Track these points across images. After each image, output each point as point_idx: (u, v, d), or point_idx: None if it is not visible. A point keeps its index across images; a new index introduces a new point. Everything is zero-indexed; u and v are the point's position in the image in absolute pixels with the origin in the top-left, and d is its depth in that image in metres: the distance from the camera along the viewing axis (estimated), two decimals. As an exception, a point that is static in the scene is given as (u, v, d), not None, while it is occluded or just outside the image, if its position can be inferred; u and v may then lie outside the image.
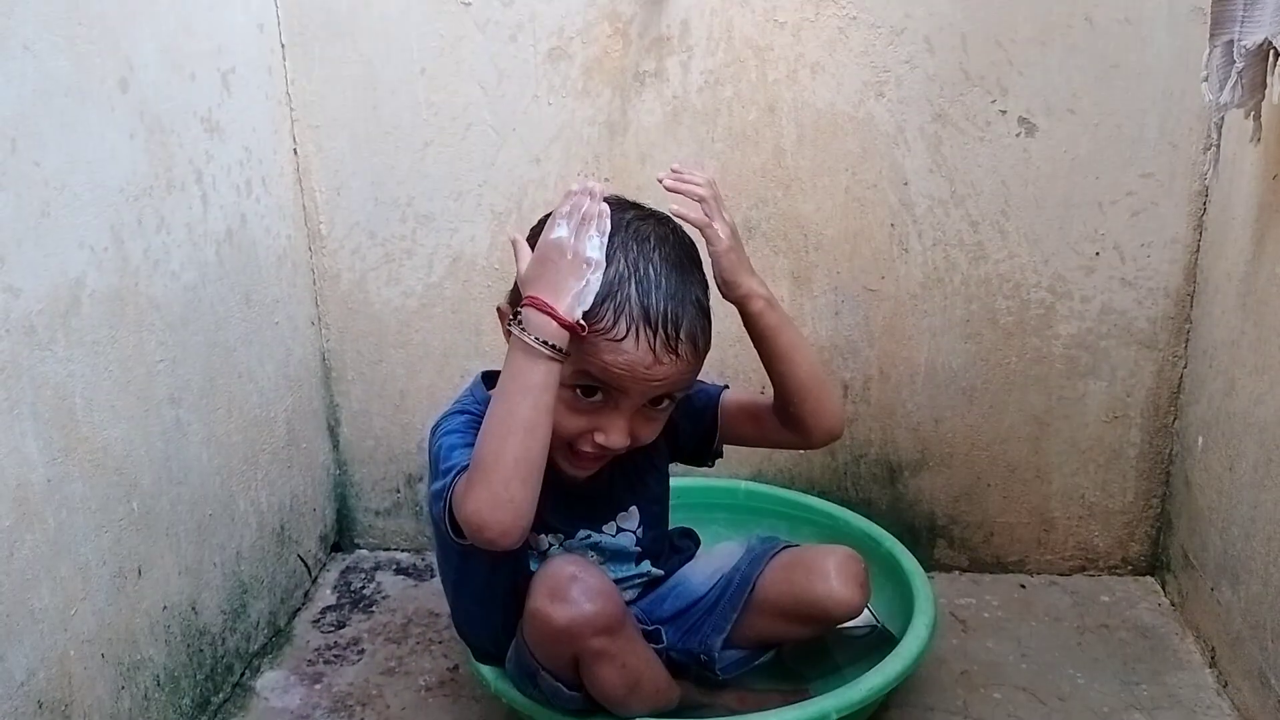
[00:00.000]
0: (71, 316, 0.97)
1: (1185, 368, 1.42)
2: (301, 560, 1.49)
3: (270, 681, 1.32)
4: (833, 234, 1.43)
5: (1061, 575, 1.54)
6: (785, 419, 1.13)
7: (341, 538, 1.64)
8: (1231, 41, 1.06)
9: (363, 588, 1.53)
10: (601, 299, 0.94)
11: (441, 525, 0.99)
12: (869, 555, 1.35)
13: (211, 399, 1.23)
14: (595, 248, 0.94)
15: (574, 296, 0.92)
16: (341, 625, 1.44)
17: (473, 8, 1.37)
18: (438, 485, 0.99)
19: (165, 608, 1.14)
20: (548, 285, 0.93)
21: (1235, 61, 1.05)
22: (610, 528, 1.15)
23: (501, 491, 0.91)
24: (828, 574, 1.16)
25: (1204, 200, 1.35)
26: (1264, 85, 1.07)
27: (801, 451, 1.52)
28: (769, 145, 1.40)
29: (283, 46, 1.40)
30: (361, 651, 1.39)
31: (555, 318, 0.92)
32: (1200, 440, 1.37)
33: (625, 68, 1.38)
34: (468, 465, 0.95)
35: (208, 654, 1.23)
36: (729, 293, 1.06)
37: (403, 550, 1.63)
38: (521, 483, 0.91)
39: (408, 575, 1.57)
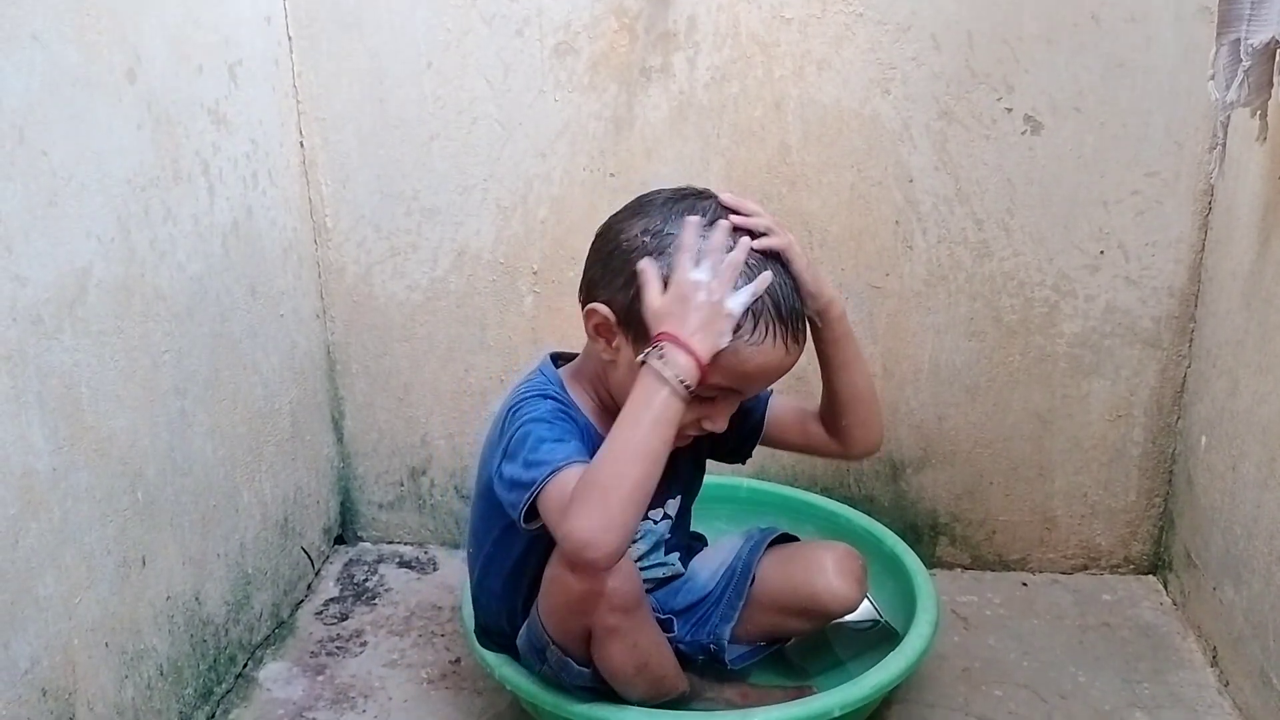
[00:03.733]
0: (78, 306, 0.98)
1: (1189, 367, 1.42)
2: (305, 552, 1.50)
3: (273, 672, 1.33)
4: (837, 231, 1.43)
5: (1063, 573, 1.54)
6: (833, 429, 1.15)
7: (345, 530, 1.64)
8: (1238, 40, 1.06)
9: (365, 580, 1.54)
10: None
11: (514, 512, 0.99)
12: (871, 553, 1.36)
13: (216, 390, 1.23)
14: (741, 305, 0.95)
15: (713, 343, 0.94)
16: (344, 617, 1.45)
17: (479, 2, 1.37)
18: (524, 476, 0.97)
19: (169, 598, 1.14)
20: (688, 325, 0.94)
21: (1242, 60, 1.05)
22: (657, 513, 1.16)
23: (617, 516, 0.91)
24: (825, 569, 1.17)
25: (1209, 199, 1.35)
26: (1270, 84, 1.07)
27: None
28: (774, 141, 1.40)
29: (290, 39, 1.40)
30: (364, 644, 1.39)
31: (696, 360, 0.93)
32: (1203, 439, 1.37)
33: (632, 63, 1.38)
34: (560, 466, 0.95)
35: (211, 644, 1.23)
36: (813, 303, 1.04)
37: (406, 543, 1.64)
38: (636, 509, 0.92)
39: (410, 568, 1.57)
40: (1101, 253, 1.39)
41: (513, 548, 1.09)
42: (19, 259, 0.90)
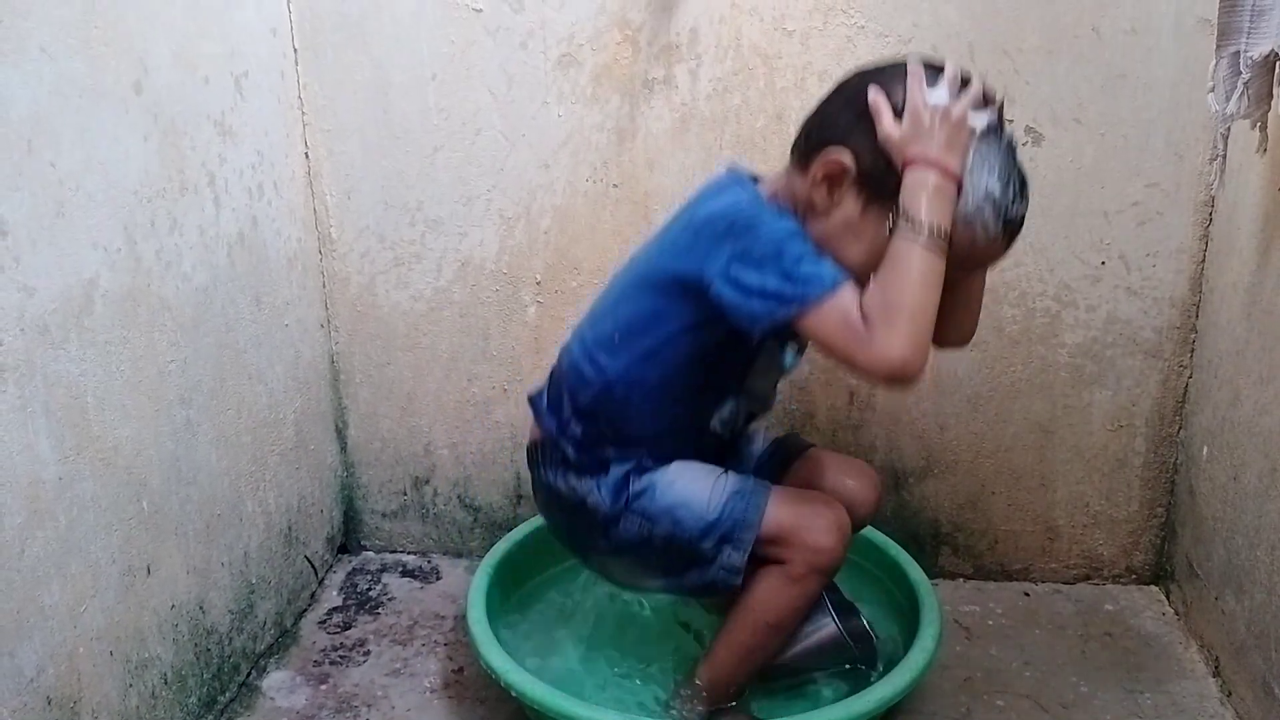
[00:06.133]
0: (84, 316, 0.98)
1: (1190, 377, 1.42)
2: (308, 561, 1.50)
3: (276, 681, 1.33)
4: (839, 241, 1.43)
5: (1066, 583, 1.54)
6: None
7: (348, 539, 1.64)
8: (1238, 53, 1.06)
9: (369, 589, 1.54)
10: None
11: (757, 321, 0.99)
12: (874, 563, 1.37)
13: (221, 400, 1.24)
14: (984, 122, 0.99)
15: (960, 160, 0.98)
16: (348, 626, 1.45)
17: (484, 14, 1.38)
18: (786, 289, 0.98)
19: (173, 606, 1.15)
20: (935, 145, 0.97)
21: (1241, 72, 1.06)
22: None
23: (923, 338, 0.96)
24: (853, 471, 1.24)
25: (1210, 210, 1.36)
26: (1270, 96, 1.07)
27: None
28: (777, 153, 1.40)
29: (295, 51, 1.41)
30: (367, 653, 1.39)
31: (951, 176, 0.97)
32: (1205, 450, 1.37)
33: (634, 75, 1.39)
34: (835, 285, 0.97)
35: (215, 653, 1.24)
36: None
37: (409, 553, 1.64)
38: (932, 331, 0.98)
39: (414, 577, 1.57)
40: (1103, 263, 1.40)
41: (689, 348, 1.09)
42: (26, 269, 0.90)
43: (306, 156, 1.45)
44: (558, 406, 1.18)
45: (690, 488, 1.14)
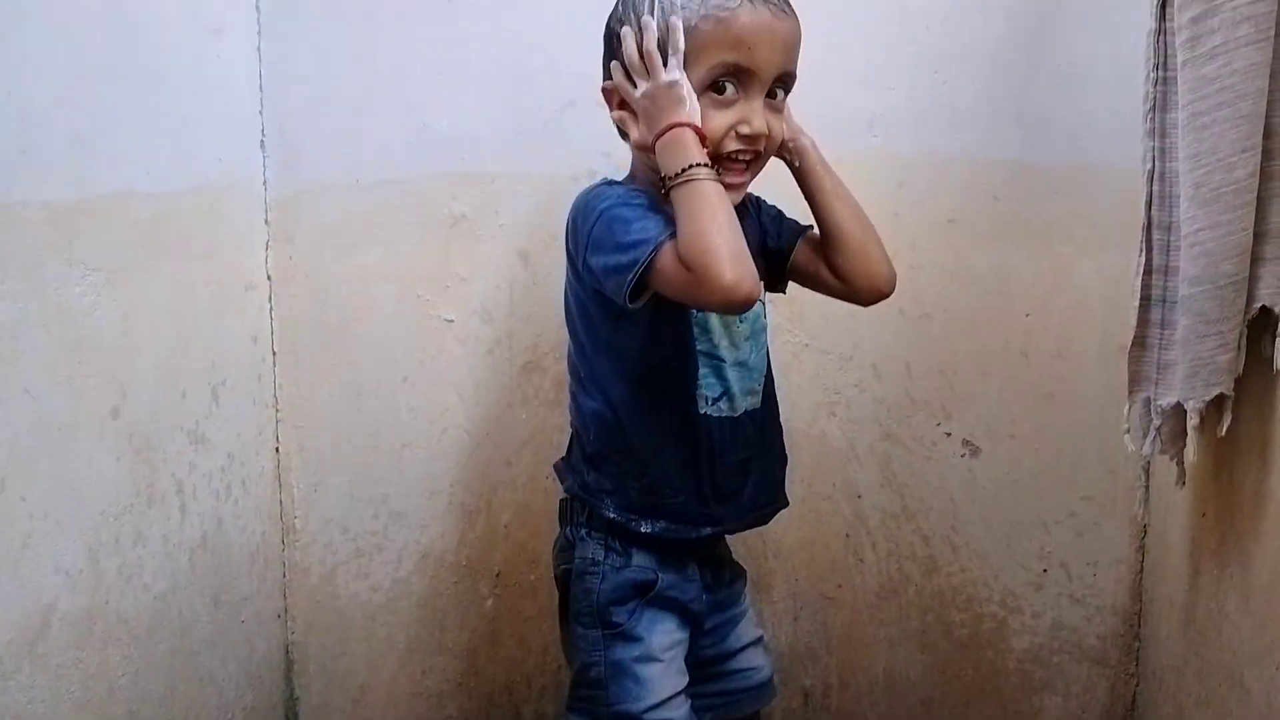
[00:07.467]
0: (39, 642, 0.99)
1: (1138, 685, 1.44)
2: None
3: None
4: (790, 542, 1.48)
5: None
6: (834, 269, 1.17)
7: (291, 838, 1.59)
8: (1149, 399, 1.14)
9: None
10: None
11: (619, 295, 1.03)
12: None
13: (169, 709, 1.23)
14: (677, 71, 1.03)
15: (687, 108, 1.03)
16: None
17: (455, 324, 1.47)
18: (624, 259, 1.02)
19: None
20: (663, 119, 1.03)
21: (1153, 418, 1.13)
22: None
23: (742, 256, 0.98)
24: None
25: (1144, 524, 1.41)
26: (1184, 436, 1.13)
27: None
28: (729, 457, 1.46)
29: (274, 355, 1.48)
30: None
31: (691, 127, 1.03)
32: (1156, 763, 1.37)
33: (594, 382, 1.47)
34: (662, 240, 1.01)
35: None
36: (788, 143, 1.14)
37: None
38: (742, 240, 1.00)
39: None
40: (1045, 571, 1.44)
41: (630, 348, 1.12)
42: (-15, 606, 0.93)
43: (277, 451, 1.50)
44: (577, 464, 1.20)
45: (656, 681, 1.14)
